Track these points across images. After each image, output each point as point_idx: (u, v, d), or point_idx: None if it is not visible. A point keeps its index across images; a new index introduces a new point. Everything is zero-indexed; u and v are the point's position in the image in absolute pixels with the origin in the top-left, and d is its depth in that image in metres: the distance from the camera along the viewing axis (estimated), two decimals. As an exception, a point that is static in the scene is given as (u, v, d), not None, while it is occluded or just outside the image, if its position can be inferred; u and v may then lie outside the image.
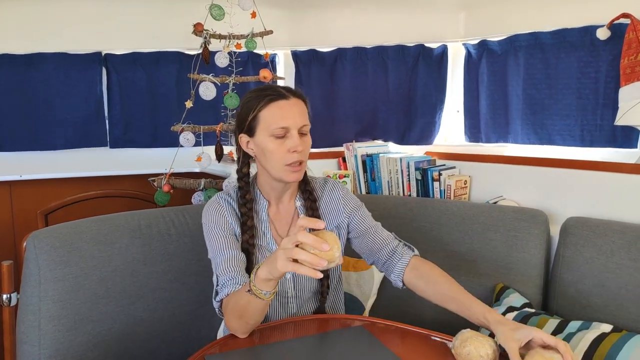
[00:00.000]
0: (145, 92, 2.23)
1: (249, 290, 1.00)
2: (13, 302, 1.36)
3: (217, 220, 1.23)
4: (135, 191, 2.33)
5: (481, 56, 2.14)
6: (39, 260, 1.30)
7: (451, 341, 1.07)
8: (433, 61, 2.27)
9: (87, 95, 2.16)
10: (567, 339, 1.31)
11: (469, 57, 2.20)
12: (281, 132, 1.17)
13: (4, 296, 1.36)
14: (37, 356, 1.26)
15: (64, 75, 2.12)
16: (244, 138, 1.24)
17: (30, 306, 1.28)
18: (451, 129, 2.36)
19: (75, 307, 1.32)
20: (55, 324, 1.29)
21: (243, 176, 1.28)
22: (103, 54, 2.18)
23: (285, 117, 1.17)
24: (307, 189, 1.31)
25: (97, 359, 1.35)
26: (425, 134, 2.32)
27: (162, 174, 1.94)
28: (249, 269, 1.22)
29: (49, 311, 1.29)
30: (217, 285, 1.17)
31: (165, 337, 1.50)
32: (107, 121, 2.24)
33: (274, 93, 1.19)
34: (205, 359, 1.04)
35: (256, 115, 1.19)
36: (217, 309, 1.17)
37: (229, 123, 1.90)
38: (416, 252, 1.29)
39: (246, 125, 1.22)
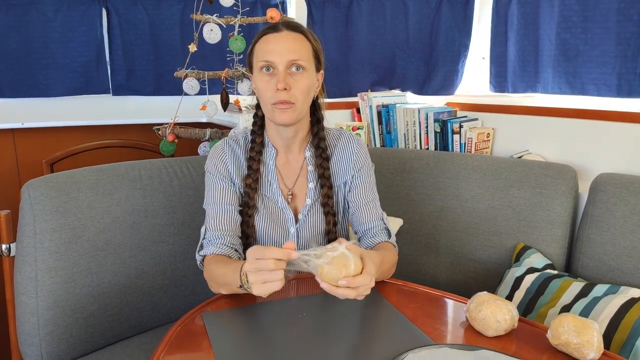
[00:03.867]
0: (148, 36, 2.11)
1: (241, 286, 0.96)
2: (13, 252, 1.33)
3: (218, 167, 1.19)
4: (143, 141, 2.26)
5: (511, -4, 1.95)
6: (34, 210, 1.25)
7: (466, 304, 0.98)
8: (458, 3, 2.09)
9: (86, 40, 2.04)
10: (593, 303, 1.22)
11: (497, -2, 2.01)
12: (266, 65, 1.10)
13: (3, 246, 1.33)
14: (35, 307, 1.23)
15: (62, 17, 2.01)
16: (252, 77, 1.19)
17: (26, 257, 1.24)
18: (474, 78, 2.20)
19: (73, 258, 1.28)
20: (52, 275, 1.25)
21: (257, 119, 1.22)
22: (103, -6, 2.06)
23: (271, 51, 1.09)
24: (320, 146, 1.21)
25: (97, 311, 1.32)
26: (446, 83, 2.16)
27: (167, 124, 1.85)
28: (248, 215, 1.17)
29: (45, 262, 1.24)
30: (204, 238, 1.16)
31: (168, 291, 1.46)
32: (108, 67, 2.13)
33: (269, 28, 1.13)
34: (202, 316, 0.98)
35: (251, 51, 1.15)
36: (198, 262, 1.16)
37: (235, 69, 1.78)
38: (391, 240, 1.21)
39: (248, 61, 1.18)
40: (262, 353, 0.84)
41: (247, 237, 1.18)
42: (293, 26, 1.12)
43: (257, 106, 1.22)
